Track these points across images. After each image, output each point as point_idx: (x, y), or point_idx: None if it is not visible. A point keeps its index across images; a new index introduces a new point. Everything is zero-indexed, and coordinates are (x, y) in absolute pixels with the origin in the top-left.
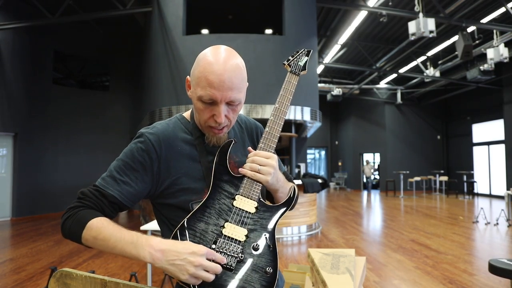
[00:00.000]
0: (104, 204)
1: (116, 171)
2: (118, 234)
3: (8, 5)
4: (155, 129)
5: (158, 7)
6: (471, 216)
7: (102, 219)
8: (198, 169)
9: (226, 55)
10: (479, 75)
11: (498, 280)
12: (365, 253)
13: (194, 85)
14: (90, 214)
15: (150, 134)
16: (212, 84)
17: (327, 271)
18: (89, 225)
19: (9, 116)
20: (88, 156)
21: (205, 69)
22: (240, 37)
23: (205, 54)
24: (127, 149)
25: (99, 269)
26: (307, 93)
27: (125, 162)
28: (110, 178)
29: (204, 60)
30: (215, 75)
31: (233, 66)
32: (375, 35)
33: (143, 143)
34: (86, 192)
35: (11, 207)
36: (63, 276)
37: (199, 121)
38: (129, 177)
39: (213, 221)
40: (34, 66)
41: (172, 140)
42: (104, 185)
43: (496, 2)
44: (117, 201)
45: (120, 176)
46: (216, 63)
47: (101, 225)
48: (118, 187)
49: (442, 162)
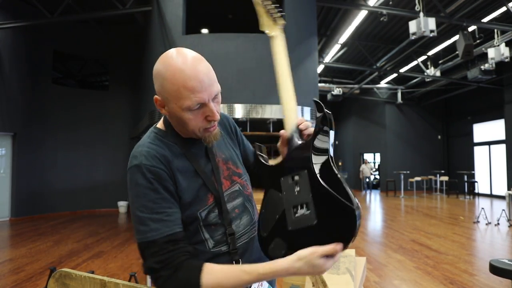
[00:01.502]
0: (179, 247)
1: (152, 213)
2: (240, 275)
3: (8, 5)
4: (144, 153)
5: (157, 7)
6: (471, 216)
7: (209, 271)
8: (196, 178)
9: (186, 56)
10: (480, 75)
11: (499, 281)
12: (366, 253)
13: (171, 100)
14: (195, 269)
15: (145, 160)
16: (195, 89)
17: (327, 271)
18: (203, 284)
19: (8, 116)
20: (87, 156)
21: (178, 79)
22: (240, 36)
23: (165, 65)
24: (138, 192)
25: (99, 269)
26: (307, 93)
27: (149, 201)
28: (155, 222)
29: (170, 72)
30: (192, 79)
31: (199, 62)
32: (376, 35)
33: (149, 172)
34: (158, 255)
35: (10, 207)
36: (63, 277)
37: (191, 131)
38: (165, 208)
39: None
40: (34, 66)
41: (164, 155)
42: (160, 233)
43: (497, 2)
44: (182, 234)
45: (159, 214)
46: (186, 67)
47: (216, 277)
48: (169, 223)
49: (442, 162)
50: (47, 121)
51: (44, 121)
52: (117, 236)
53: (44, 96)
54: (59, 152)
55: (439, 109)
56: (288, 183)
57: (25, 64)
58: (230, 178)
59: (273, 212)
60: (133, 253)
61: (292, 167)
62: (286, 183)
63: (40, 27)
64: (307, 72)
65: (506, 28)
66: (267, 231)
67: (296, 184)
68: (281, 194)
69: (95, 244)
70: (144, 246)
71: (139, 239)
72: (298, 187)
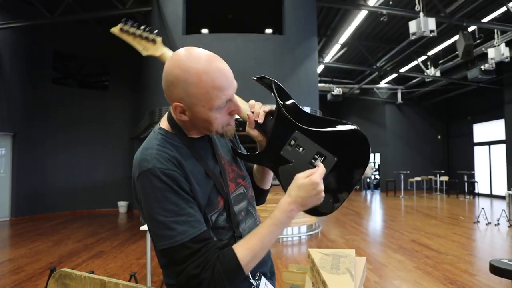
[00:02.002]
0: (210, 246)
1: (176, 216)
2: (260, 235)
3: (8, 5)
4: (155, 155)
5: (157, 7)
6: (471, 216)
7: (238, 247)
8: (208, 181)
9: (203, 55)
10: (480, 75)
11: (499, 281)
12: (366, 253)
13: (199, 103)
14: (228, 254)
15: (159, 163)
16: (223, 87)
17: (327, 272)
18: (240, 259)
19: (8, 116)
20: (87, 156)
21: (205, 81)
22: (240, 37)
23: (185, 70)
24: (157, 197)
25: (99, 269)
26: (307, 93)
27: (171, 204)
28: (181, 225)
29: (194, 75)
30: (219, 78)
31: (218, 58)
32: (376, 35)
33: (165, 175)
34: (195, 260)
35: (10, 207)
36: (63, 277)
37: (215, 130)
38: (187, 209)
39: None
40: (34, 66)
41: (176, 158)
42: (189, 235)
43: (497, 2)
44: (208, 231)
45: (183, 216)
46: (210, 67)
47: (246, 248)
48: (195, 223)
49: (442, 162)
50: (47, 121)
51: (44, 121)
52: (117, 236)
53: (44, 96)
54: (59, 152)
55: (439, 109)
56: (290, 151)
57: (25, 64)
58: (235, 181)
59: None
60: (133, 253)
61: (282, 138)
62: (288, 152)
63: (40, 27)
64: (307, 72)
65: (506, 28)
66: None
67: (296, 146)
68: (292, 164)
69: (95, 244)
70: (173, 251)
71: (165, 244)
72: (300, 148)
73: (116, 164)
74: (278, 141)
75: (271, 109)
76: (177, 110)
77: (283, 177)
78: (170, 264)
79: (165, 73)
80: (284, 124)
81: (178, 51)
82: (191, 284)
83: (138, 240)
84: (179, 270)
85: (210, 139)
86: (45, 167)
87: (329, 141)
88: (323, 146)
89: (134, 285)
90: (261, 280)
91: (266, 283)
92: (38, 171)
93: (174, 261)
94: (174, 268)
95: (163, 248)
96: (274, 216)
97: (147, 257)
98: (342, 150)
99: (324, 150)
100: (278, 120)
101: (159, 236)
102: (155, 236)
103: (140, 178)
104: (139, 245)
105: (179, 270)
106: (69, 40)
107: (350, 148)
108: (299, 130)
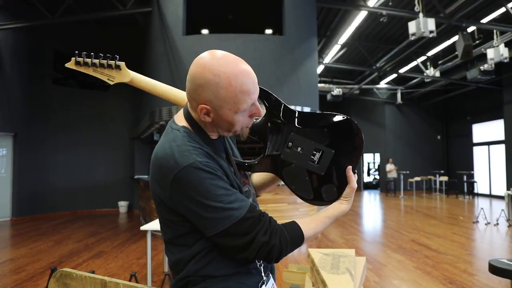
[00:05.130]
0: (263, 214)
1: (229, 196)
2: (322, 221)
3: (8, 5)
4: (193, 151)
5: (158, 7)
6: (471, 216)
7: (301, 223)
8: (231, 180)
9: (231, 59)
10: (479, 75)
11: (498, 281)
12: (365, 253)
13: (226, 106)
14: (293, 225)
15: (199, 158)
16: (250, 91)
17: (327, 271)
18: (305, 232)
19: (9, 116)
20: (87, 156)
21: (235, 85)
22: (240, 37)
23: (216, 73)
24: (206, 187)
25: (99, 269)
26: (307, 93)
27: (220, 188)
28: (235, 202)
29: (224, 79)
30: (248, 83)
31: (243, 62)
32: (375, 35)
33: (207, 167)
34: (260, 228)
35: (11, 207)
36: (63, 276)
37: (234, 131)
38: (233, 190)
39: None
40: (34, 66)
41: (209, 154)
42: (244, 208)
43: (496, 2)
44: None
45: (234, 195)
46: (239, 71)
47: (310, 226)
48: (243, 198)
49: (442, 162)
50: (48, 121)
51: (45, 121)
52: (117, 236)
53: (44, 96)
54: (60, 152)
55: (439, 110)
56: (289, 153)
57: (26, 65)
58: (245, 178)
59: (301, 179)
60: (134, 253)
61: (279, 143)
62: (288, 154)
63: (41, 27)
64: (307, 73)
65: (505, 28)
66: (310, 192)
67: (294, 147)
68: (293, 164)
69: (95, 244)
70: (236, 226)
71: (228, 223)
72: (298, 148)
73: (117, 164)
74: (276, 146)
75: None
76: (202, 112)
77: (287, 178)
78: (235, 239)
79: (193, 76)
80: (279, 130)
81: (203, 55)
82: (263, 252)
83: (138, 240)
84: (249, 240)
85: (223, 140)
86: (46, 167)
87: (323, 136)
88: (319, 141)
89: (134, 285)
90: (269, 278)
91: (273, 283)
92: (39, 171)
93: (240, 234)
94: (242, 241)
95: (225, 228)
96: (336, 212)
97: (148, 257)
98: (337, 141)
99: (321, 145)
100: (272, 127)
101: (219, 220)
102: (210, 223)
103: (182, 174)
104: (139, 245)
105: (248, 240)
106: (70, 40)
107: (344, 138)
108: (294, 132)
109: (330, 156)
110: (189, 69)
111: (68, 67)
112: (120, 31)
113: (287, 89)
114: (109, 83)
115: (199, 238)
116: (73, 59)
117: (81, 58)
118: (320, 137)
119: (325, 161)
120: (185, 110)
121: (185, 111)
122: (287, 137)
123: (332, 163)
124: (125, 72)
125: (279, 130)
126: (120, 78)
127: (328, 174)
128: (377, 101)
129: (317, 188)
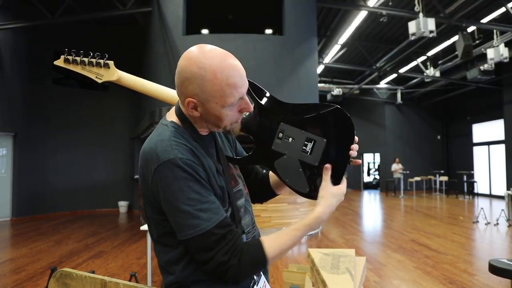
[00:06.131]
0: (234, 232)
1: (200, 204)
2: (292, 235)
3: (8, 5)
4: (175, 146)
5: (158, 7)
6: (471, 216)
7: (267, 240)
8: (219, 177)
9: (218, 53)
10: (479, 75)
11: (498, 280)
12: (365, 253)
13: (212, 100)
14: (255, 245)
15: (180, 154)
16: (237, 85)
17: (327, 271)
18: (267, 252)
19: (9, 116)
20: (87, 156)
21: (221, 78)
22: (240, 37)
23: (201, 66)
24: (180, 186)
25: (99, 269)
26: (307, 93)
27: (194, 192)
28: (205, 212)
29: (210, 72)
30: (234, 76)
31: (231, 56)
32: (375, 35)
33: (186, 165)
34: (222, 247)
35: (11, 207)
36: (63, 276)
37: (223, 126)
38: (208, 196)
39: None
40: (34, 66)
41: (193, 150)
42: (213, 222)
43: (496, 2)
44: (227, 217)
45: (206, 204)
46: (225, 65)
47: (276, 244)
48: (216, 210)
49: (442, 162)
50: (47, 121)
51: (44, 121)
52: (117, 236)
53: (44, 96)
54: (60, 152)
55: (439, 109)
56: (280, 144)
57: (26, 64)
58: (235, 178)
59: (294, 171)
60: (133, 253)
61: (269, 133)
62: (279, 145)
63: (41, 27)
64: (307, 73)
65: (505, 28)
66: (305, 184)
67: (285, 138)
68: (285, 155)
69: (95, 244)
70: (200, 239)
71: (192, 233)
72: (289, 138)
73: (117, 164)
74: (266, 137)
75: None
76: (189, 106)
77: (280, 170)
78: (197, 253)
79: (179, 69)
80: (268, 119)
81: (191, 48)
82: (219, 271)
83: (138, 240)
84: (208, 258)
85: (214, 137)
86: (46, 167)
87: (314, 125)
88: (311, 131)
89: (134, 284)
90: (260, 277)
91: (265, 281)
92: (38, 171)
93: (201, 249)
94: (202, 256)
95: (189, 238)
96: (308, 220)
97: (148, 257)
98: (328, 130)
99: (313, 135)
100: (261, 118)
101: (184, 226)
102: (179, 227)
103: (161, 169)
104: (139, 245)
105: (207, 257)
106: (70, 40)
107: (335, 127)
108: (284, 122)
109: (323, 146)
110: (177, 63)
111: (56, 64)
112: (120, 31)
113: (287, 89)
114: (97, 81)
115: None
116: (62, 57)
117: (70, 56)
118: (312, 127)
119: (318, 151)
120: (177, 106)
121: (176, 107)
122: (277, 127)
123: (325, 153)
124: (113, 71)
125: (268, 121)
126: (108, 76)
127: (322, 164)
128: (377, 101)
129: (311, 180)
